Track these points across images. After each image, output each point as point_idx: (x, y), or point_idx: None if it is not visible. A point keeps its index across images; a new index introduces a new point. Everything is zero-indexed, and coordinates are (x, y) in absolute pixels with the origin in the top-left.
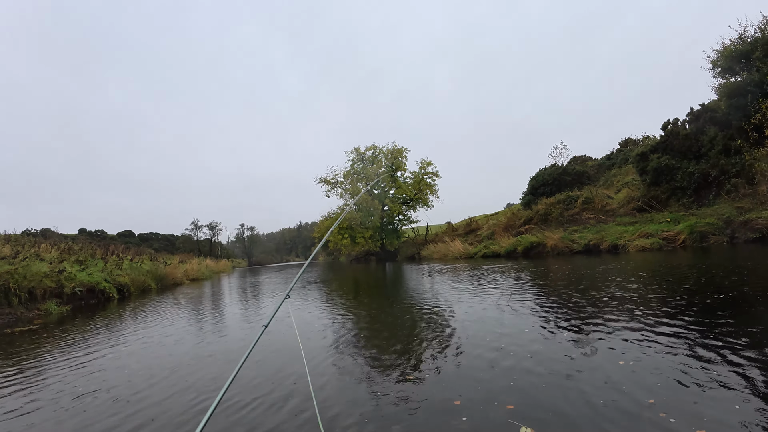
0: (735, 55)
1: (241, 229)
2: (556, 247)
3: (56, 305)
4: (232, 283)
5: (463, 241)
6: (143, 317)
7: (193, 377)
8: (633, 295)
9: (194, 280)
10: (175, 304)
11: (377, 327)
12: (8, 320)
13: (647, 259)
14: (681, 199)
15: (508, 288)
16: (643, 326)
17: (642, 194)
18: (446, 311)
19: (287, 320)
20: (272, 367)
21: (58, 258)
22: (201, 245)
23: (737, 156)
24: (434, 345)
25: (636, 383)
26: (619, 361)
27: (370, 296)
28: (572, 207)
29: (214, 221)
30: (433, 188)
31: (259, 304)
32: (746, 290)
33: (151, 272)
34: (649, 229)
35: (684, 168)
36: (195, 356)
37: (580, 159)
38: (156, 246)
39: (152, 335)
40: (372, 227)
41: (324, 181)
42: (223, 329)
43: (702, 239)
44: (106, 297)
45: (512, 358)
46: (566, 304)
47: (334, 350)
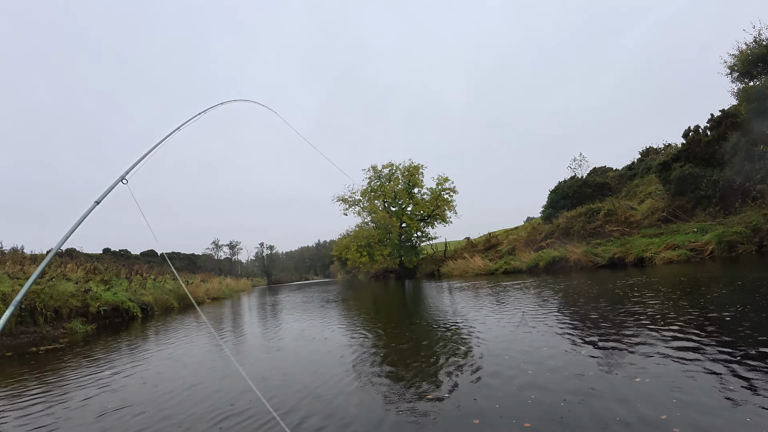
0: (752, 58)
1: (260, 248)
2: (580, 262)
3: (81, 324)
4: (252, 302)
5: (483, 257)
6: (166, 336)
7: (213, 395)
8: (656, 311)
9: (215, 299)
10: (197, 324)
11: (395, 345)
12: (34, 339)
13: (675, 271)
14: (707, 208)
15: (529, 305)
16: (663, 343)
17: (666, 204)
18: (466, 329)
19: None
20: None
21: (84, 278)
22: (221, 264)
23: (761, 161)
24: (453, 363)
25: (650, 401)
26: (635, 378)
27: (388, 314)
28: (594, 219)
29: (234, 240)
30: (450, 204)
31: (278, 324)
32: None
33: (173, 292)
34: (676, 241)
35: (708, 176)
36: (216, 375)
37: (600, 170)
38: (178, 265)
39: (174, 354)
40: (390, 244)
41: (342, 199)
42: (242, 349)
43: (730, 249)
44: (130, 316)
45: (529, 376)
46: (588, 320)
47: (352, 368)
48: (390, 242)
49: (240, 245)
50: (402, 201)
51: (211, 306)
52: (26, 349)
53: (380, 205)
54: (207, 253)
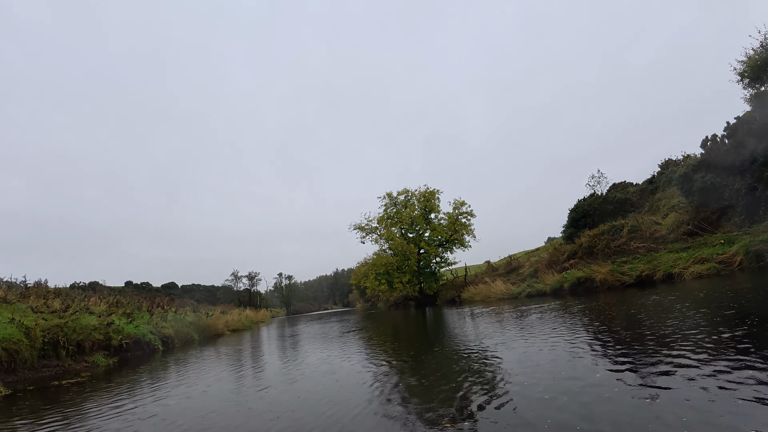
0: (760, 63)
1: (279, 278)
2: (606, 281)
3: (103, 357)
4: (271, 333)
5: (505, 281)
6: (186, 370)
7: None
8: (688, 330)
9: (235, 331)
10: (216, 357)
11: (416, 376)
12: (56, 372)
13: (704, 286)
14: (732, 218)
15: (557, 329)
16: (702, 365)
17: (691, 217)
18: (489, 356)
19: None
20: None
21: (107, 311)
22: (241, 295)
23: None
24: (477, 392)
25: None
26: (675, 409)
27: (409, 343)
28: (618, 237)
29: (253, 271)
30: (468, 228)
31: (298, 356)
32: None
33: (193, 324)
34: (704, 254)
35: (730, 185)
36: (236, 410)
37: (620, 186)
38: (197, 297)
39: (194, 388)
40: (409, 271)
41: (359, 227)
42: (262, 383)
43: (758, 259)
44: (152, 349)
45: (552, 403)
46: (619, 343)
47: (373, 398)
48: (409, 269)
49: (259, 276)
50: (419, 227)
51: (231, 338)
52: (48, 382)
53: (397, 231)
54: (226, 284)
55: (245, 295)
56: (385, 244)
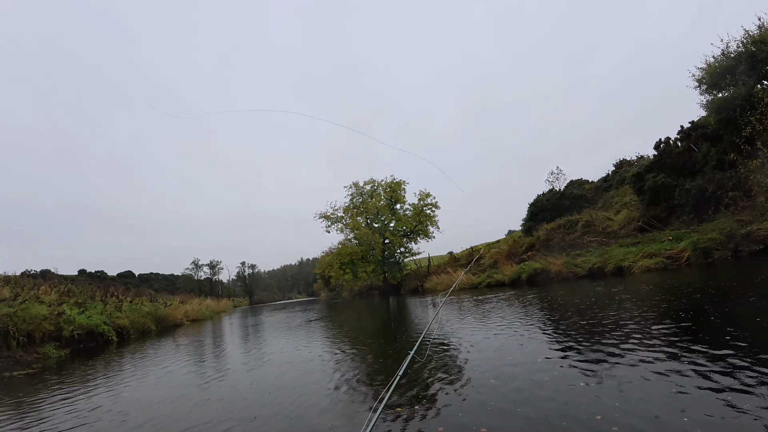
0: (719, 71)
1: (242, 267)
2: (561, 273)
3: (55, 349)
4: (233, 323)
5: (467, 271)
6: (142, 362)
7: (188, 424)
8: (634, 320)
9: (195, 321)
10: (175, 347)
11: (380, 362)
12: (7, 364)
13: (651, 279)
14: (681, 216)
15: (511, 317)
16: (635, 352)
17: (641, 214)
18: (449, 343)
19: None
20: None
21: (58, 300)
22: (202, 285)
23: (732, 170)
24: (437, 378)
25: (620, 413)
26: (615, 391)
27: (373, 331)
28: (573, 231)
29: (214, 260)
30: (433, 219)
31: (260, 345)
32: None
33: (150, 314)
34: (653, 249)
35: (680, 185)
36: (193, 403)
37: (577, 182)
38: (156, 286)
39: (149, 380)
40: (374, 261)
41: (324, 216)
42: (222, 374)
43: (706, 255)
44: (105, 340)
45: (498, 389)
46: (568, 330)
47: (339, 385)
48: (373, 259)
49: (221, 264)
50: (384, 217)
51: (190, 328)
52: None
53: (363, 221)
54: (186, 273)
55: (206, 285)
56: (350, 234)
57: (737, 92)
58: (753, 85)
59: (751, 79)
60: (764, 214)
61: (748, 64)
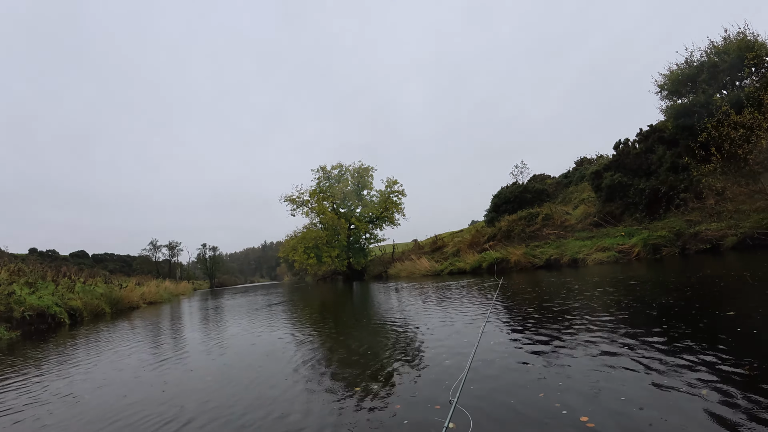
0: (681, 78)
1: (202, 249)
2: (520, 263)
3: (6, 330)
4: (193, 306)
5: (430, 259)
6: (96, 344)
7: (144, 410)
8: (580, 309)
9: (152, 304)
10: (130, 330)
11: (342, 347)
12: None
13: (603, 272)
14: (634, 213)
15: (470, 303)
16: (580, 336)
17: (598, 210)
18: (411, 327)
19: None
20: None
21: (8, 280)
22: (160, 266)
23: (685, 173)
24: (397, 361)
25: (562, 391)
26: (551, 371)
27: (336, 315)
28: (533, 223)
29: (174, 241)
30: (399, 206)
31: (221, 329)
32: (681, 303)
33: (105, 296)
34: (606, 243)
35: (636, 185)
36: (149, 384)
37: (540, 177)
38: (111, 267)
39: (103, 363)
40: (338, 246)
41: (289, 199)
42: (179, 356)
43: (655, 251)
44: (57, 322)
45: (450, 368)
46: (520, 317)
47: (297, 372)
48: (338, 244)
49: (180, 246)
50: (351, 202)
51: (147, 311)
52: None
53: (329, 206)
54: (144, 254)
55: (165, 266)
56: (315, 218)
57: (696, 100)
58: (712, 93)
59: (711, 88)
60: (713, 216)
61: (709, 73)
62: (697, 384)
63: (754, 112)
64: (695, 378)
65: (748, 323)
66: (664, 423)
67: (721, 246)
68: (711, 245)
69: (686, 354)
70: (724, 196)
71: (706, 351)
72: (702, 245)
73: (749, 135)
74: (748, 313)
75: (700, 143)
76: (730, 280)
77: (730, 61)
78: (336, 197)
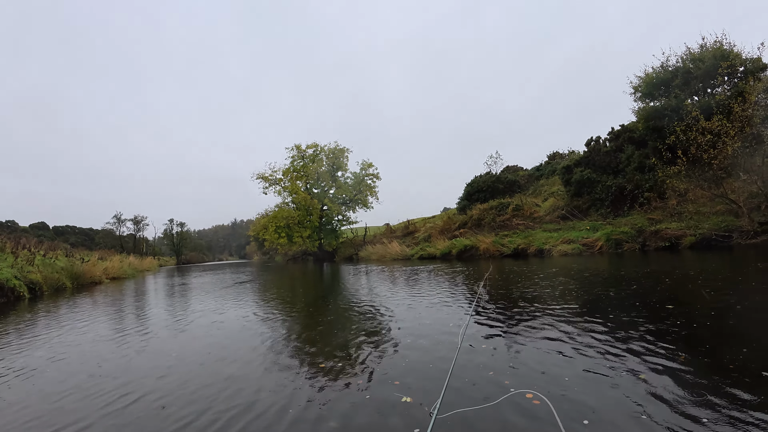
0: (656, 82)
1: (169, 225)
2: (488, 251)
3: None
4: (158, 283)
5: (401, 243)
6: (56, 319)
7: (101, 384)
8: (539, 296)
9: (115, 279)
10: (92, 305)
11: (311, 327)
12: None
13: (567, 263)
14: (600, 209)
15: (439, 288)
16: (535, 321)
17: (566, 203)
18: (379, 310)
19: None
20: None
21: None
22: (124, 241)
23: (651, 173)
24: (365, 342)
25: (502, 367)
26: (510, 353)
27: (305, 296)
28: (504, 213)
29: (139, 215)
30: (373, 190)
31: (186, 306)
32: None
33: (66, 269)
34: (571, 236)
35: (603, 181)
36: (113, 359)
37: (513, 168)
38: (72, 240)
39: (64, 338)
40: (310, 227)
41: (262, 177)
42: (142, 332)
43: (617, 246)
44: (16, 296)
45: (411, 346)
46: (482, 302)
47: (266, 351)
48: (310, 224)
49: (146, 221)
50: (325, 183)
51: (110, 286)
52: None
53: (302, 186)
54: (107, 228)
55: (129, 241)
56: (288, 197)
57: (668, 103)
58: (684, 98)
59: (684, 93)
60: (673, 216)
61: (683, 78)
62: (637, 370)
63: (723, 119)
64: (634, 364)
65: (687, 317)
66: (600, 407)
67: (679, 244)
68: (670, 243)
69: (624, 342)
70: (686, 198)
71: (646, 341)
72: (661, 243)
73: (716, 141)
74: (687, 309)
75: (668, 146)
76: (676, 277)
77: (704, 68)
78: (310, 177)
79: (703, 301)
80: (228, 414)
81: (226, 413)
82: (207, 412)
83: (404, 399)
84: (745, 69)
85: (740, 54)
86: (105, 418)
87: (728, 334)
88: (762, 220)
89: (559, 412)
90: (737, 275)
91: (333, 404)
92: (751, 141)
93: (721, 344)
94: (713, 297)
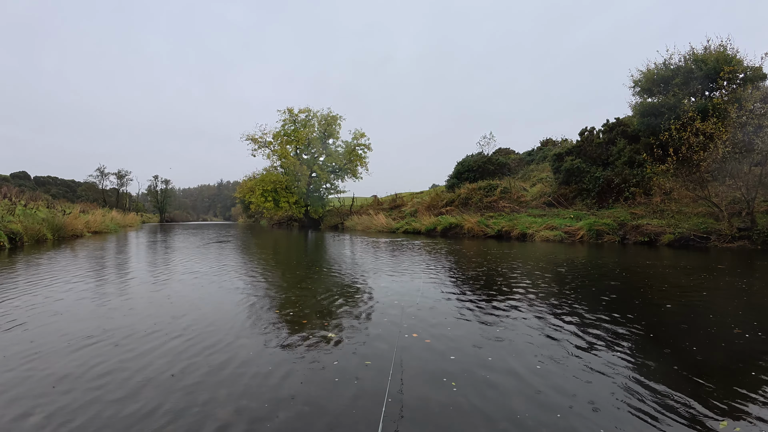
0: (656, 78)
1: (154, 181)
2: (472, 230)
3: None
4: (141, 239)
5: (387, 216)
6: (36, 269)
7: (84, 346)
8: (517, 278)
9: (97, 233)
10: (73, 258)
11: (295, 292)
12: None
13: (547, 248)
14: (585, 199)
15: (420, 262)
16: (510, 302)
17: (553, 191)
18: (361, 279)
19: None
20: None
21: None
22: (107, 195)
23: (639, 168)
24: (345, 311)
25: (494, 345)
26: (479, 329)
27: (289, 262)
28: (491, 194)
29: (123, 169)
30: (363, 160)
31: (169, 265)
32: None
33: (47, 221)
34: (555, 223)
35: (592, 172)
36: (91, 310)
37: (504, 151)
38: (54, 192)
39: (44, 288)
40: (298, 192)
41: (251, 139)
42: (123, 285)
43: (598, 237)
44: None
45: (388, 315)
46: (463, 276)
47: (249, 315)
48: (298, 190)
49: (130, 175)
50: (315, 150)
51: (91, 240)
52: None
53: (292, 150)
54: (90, 181)
55: (112, 196)
56: (277, 161)
57: (666, 101)
58: (682, 98)
59: (682, 92)
60: (656, 213)
61: (683, 78)
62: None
63: (718, 122)
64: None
65: (653, 313)
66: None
67: (657, 241)
68: (649, 239)
69: (599, 331)
70: (671, 196)
71: (608, 330)
72: (641, 237)
73: (708, 143)
74: (656, 304)
75: (660, 142)
76: (652, 272)
77: (705, 70)
78: (300, 142)
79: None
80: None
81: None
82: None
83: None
84: (745, 76)
85: (742, 60)
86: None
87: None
88: (741, 225)
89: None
90: (698, 272)
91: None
92: (741, 148)
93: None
94: (667, 286)
